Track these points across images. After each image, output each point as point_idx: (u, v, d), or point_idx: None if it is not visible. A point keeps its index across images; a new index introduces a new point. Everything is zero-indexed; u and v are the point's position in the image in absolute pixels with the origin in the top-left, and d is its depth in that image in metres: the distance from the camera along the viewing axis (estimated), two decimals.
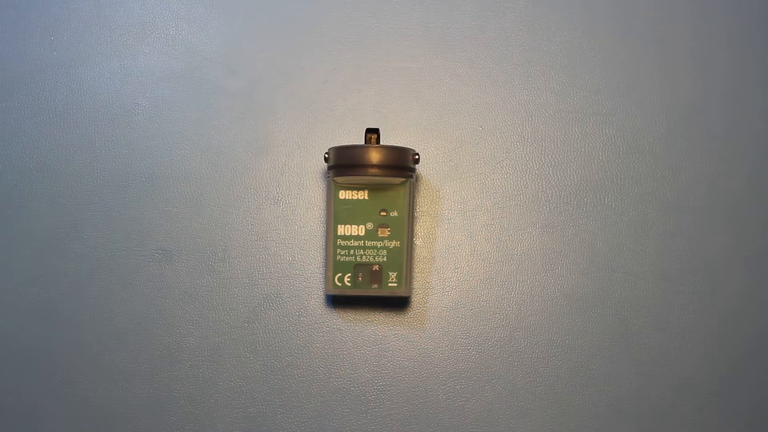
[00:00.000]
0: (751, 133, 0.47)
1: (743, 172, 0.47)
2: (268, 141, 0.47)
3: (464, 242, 0.46)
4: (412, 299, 0.46)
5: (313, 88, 0.47)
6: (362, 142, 0.46)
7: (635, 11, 0.48)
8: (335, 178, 0.43)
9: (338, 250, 0.43)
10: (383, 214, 0.43)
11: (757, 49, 0.48)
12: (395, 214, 0.43)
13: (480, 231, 0.46)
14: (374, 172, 0.42)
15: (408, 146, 0.47)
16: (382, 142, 0.46)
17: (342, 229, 0.43)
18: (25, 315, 0.45)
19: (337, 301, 0.45)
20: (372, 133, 0.44)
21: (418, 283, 0.46)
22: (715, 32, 0.48)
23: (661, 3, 0.48)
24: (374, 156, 0.42)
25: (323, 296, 0.45)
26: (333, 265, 0.43)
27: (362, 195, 0.43)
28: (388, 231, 0.43)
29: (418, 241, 0.46)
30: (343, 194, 0.43)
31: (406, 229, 0.43)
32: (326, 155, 0.44)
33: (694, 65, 0.48)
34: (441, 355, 0.45)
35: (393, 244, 0.43)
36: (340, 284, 0.43)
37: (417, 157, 0.44)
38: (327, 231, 0.44)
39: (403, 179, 0.43)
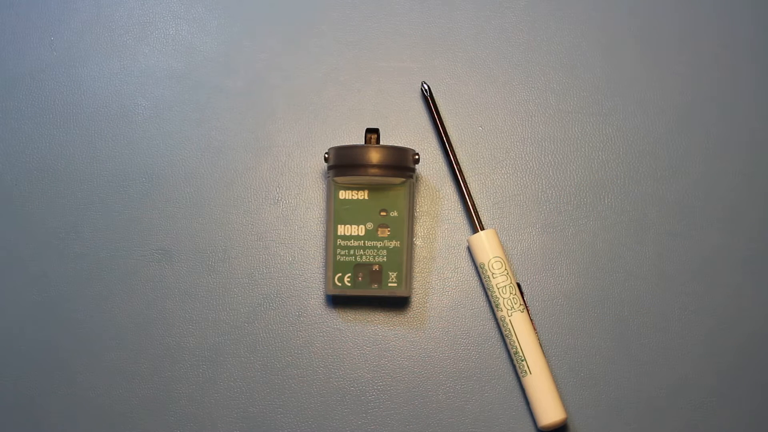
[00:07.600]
0: (751, 133, 0.47)
1: (743, 172, 0.47)
2: (268, 141, 0.47)
3: (464, 242, 0.46)
4: (412, 299, 0.46)
5: (313, 88, 0.47)
6: (362, 142, 0.46)
7: (635, 11, 0.48)
8: (335, 178, 0.43)
9: (338, 250, 0.43)
10: (383, 214, 0.43)
11: (757, 50, 0.48)
12: (395, 214, 0.43)
13: None
14: (374, 172, 0.42)
15: (408, 146, 0.47)
16: (382, 142, 0.46)
17: (342, 229, 0.43)
18: (25, 315, 0.45)
19: (337, 301, 0.45)
20: (372, 133, 0.44)
21: (418, 283, 0.46)
22: (715, 32, 0.48)
23: (660, 3, 0.48)
24: (374, 156, 0.42)
25: (323, 296, 0.45)
26: (333, 265, 0.43)
27: (362, 195, 0.43)
28: (388, 231, 0.43)
29: (418, 241, 0.46)
30: (343, 194, 0.43)
31: (406, 229, 0.43)
32: (326, 155, 0.44)
33: (694, 65, 0.48)
34: (441, 355, 0.45)
35: (393, 244, 0.43)
36: (340, 284, 0.43)
37: (417, 157, 0.44)
38: (327, 231, 0.44)
39: (403, 179, 0.43)
